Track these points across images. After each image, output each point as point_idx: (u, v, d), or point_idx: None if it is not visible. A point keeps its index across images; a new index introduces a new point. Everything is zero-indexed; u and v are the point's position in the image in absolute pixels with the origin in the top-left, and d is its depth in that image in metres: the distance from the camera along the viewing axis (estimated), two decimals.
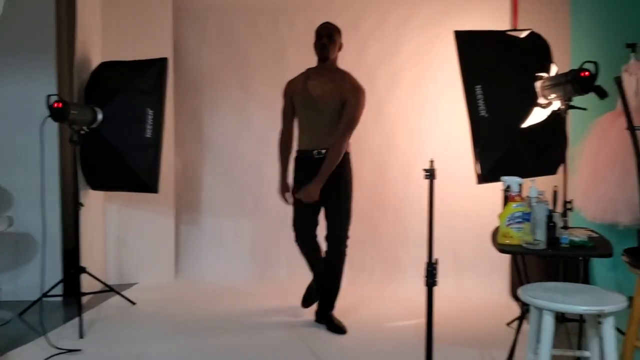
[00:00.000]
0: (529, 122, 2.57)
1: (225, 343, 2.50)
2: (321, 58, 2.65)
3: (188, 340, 2.54)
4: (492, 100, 2.59)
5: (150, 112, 2.98)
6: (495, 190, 2.63)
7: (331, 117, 2.61)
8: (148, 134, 2.98)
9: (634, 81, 2.76)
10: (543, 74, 2.56)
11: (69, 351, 2.35)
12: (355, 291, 3.22)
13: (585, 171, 2.85)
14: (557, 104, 2.43)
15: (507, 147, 2.59)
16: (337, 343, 2.52)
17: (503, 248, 1.88)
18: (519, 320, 2.31)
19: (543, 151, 2.60)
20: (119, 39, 3.43)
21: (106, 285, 3.14)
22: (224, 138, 3.68)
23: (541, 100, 2.54)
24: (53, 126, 3.02)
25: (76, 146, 2.78)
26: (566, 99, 2.30)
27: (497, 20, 3.27)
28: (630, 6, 3.04)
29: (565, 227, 2.13)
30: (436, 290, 1.75)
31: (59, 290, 3.07)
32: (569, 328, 2.38)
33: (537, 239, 1.83)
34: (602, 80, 2.23)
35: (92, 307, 2.99)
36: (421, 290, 1.79)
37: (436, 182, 1.77)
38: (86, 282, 2.96)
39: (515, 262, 2.67)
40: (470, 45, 2.66)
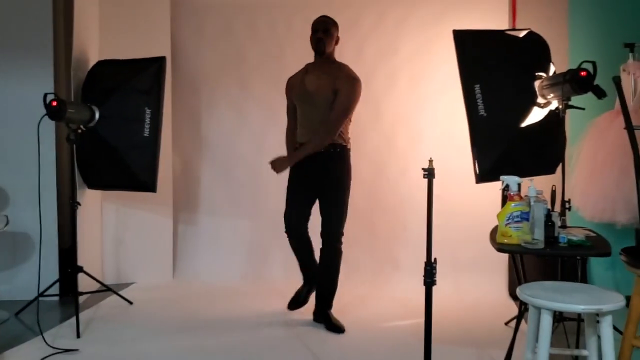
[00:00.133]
0: (528, 122, 2.57)
1: (223, 342, 2.50)
2: (317, 52, 2.64)
3: (186, 339, 2.53)
4: (491, 99, 2.59)
5: (148, 111, 2.97)
6: (493, 189, 2.63)
7: (325, 110, 2.59)
8: (146, 133, 2.97)
9: (632, 81, 2.76)
10: (542, 74, 2.56)
11: (66, 351, 2.34)
12: (353, 290, 3.22)
13: (583, 170, 2.85)
14: (556, 104, 2.44)
15: (506, 147, 2.59)
16: (336, 342, 2.51)
17: (502, 247, 1.88)
18: (517, 319, 2.31)
19: (541, 150, 2.60)
20: (117, 38, 3.42)
21: (103, 284, 3.13)
22: (222, 137, 3.68)
23: (540, 99, 2.54)
24: (50, 125, 3.00)
25: (73, 145, 2.77)
26: (564, 99, 2.30)
27: (496, 19, 3.28)
28: (628, 6, 3.05)
29: (563, 227, 2.13)
30: (434, 289, 1.75)
31: (56, 289, 3.06)
32: (567, 327, 2.38)
33: (536, 238, 1.83)
34: (601, 79, 2.23)
35: (89, 307, 2.98)
36: (419, 289, 1.78)
37: (435, 182, 1.77)
38: (83, 282, 2.95)
39: (513, 262, 2.67)
40: (469, 44, 2.66)
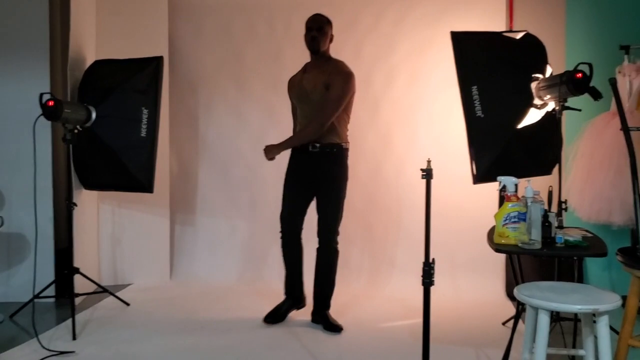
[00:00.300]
0: (525, 123, 2.58)
1: (220, 343, 2.49)
2: (312, 50, 2.66)
3: (183, 340, 2.52)
4: (488, 101, 2.60)
5: (145, 111, 2.96)
6: (491, 190, 2.64)
7: (320, 106, 2.60)
8: (143, 133, 2.96)
9: (628, 82, 2.78)
10: (538, 75, 2.57)
11: (62, 353, 2.33)
12: (351, 291, 3.22)
13: (579, 171, 2.87)
14: (552, 105, 2.45)
15: (503, 148, 2.60)
16: (334, 342, 2.51)
17: (499, 248, 1.89)
18: (515, 319, 2.32)
19: (538, 151, 2.61)
20: (114, 37, 3.40)
21: (100, 286, 3.12)
22: (220, 138, 3.67)
23: (536, 101, 2.55)
24: (46, 125, 2.98)
25: (69, 145, 2.75)
26: (561, 100, 2.31)
27: (493, 20, 3.29)
28: (624, 8, 3.07)
29: (560, 227, 2.14)
30: (432, 289, 1.75)
31: (52, 291, 3.04)
32: (564, 327, 2.39)
33: (533, 239, 1.83)
34: (597, 81, 2.25)
35: (86, 308, 2.97)
36: (417, 289, 1.79)
37: (432, 182, 1.77)
38: (79, 283, 2.93)
39: (510, 262, 2.68)
40: (466, 46, 2.67)
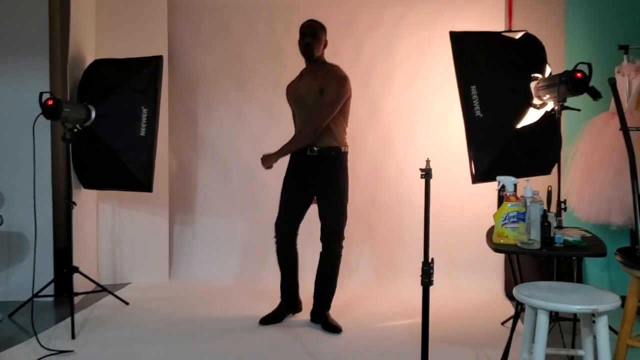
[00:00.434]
0: (524, 123, 2.58)
1: (219, 343, 2.49)
2: (305, 56, 2.66)
3: (182, 340, 2.52)
4: (487, 100, 2.60)
5: (144, 111, 2.96)
6: (490, 190, 2.64)
7: (314, 111, 2.60)
8: (142, 133, 2.96)
9: (627, 82, 2.79)
10: (538, 75, 2.57)
11: (61, 352, 2.32)
12: (350, 291, 3.22)
13: (579, 171, 2.87)
14: (552, 105, 2.45)
15: (502, 147, 2.60)
16: (333, 342, 2.51)
17: (498, 248, 1.89)
18: (514, 319, 2.32)
19: (537, 151, 2.61)
20: (113, 37, 3.40)
21: (99, 285, 3.12)
22: (219, 137, 3.67)
23: (536, 100, 2.55)
24: (45, 124, 2.98)
25: (69, 144, 2.76)
26: (560, 100, 2.31)
27: (492, 20, 3.29)
28: (623, 8, 3.07)
29: (559, 227, 2.14)
30: (431, 289, 1.75)
31: (51, 290, 3.04)
32: (563, 327, 2.39)
33: (532, 239, 1.83)
34: (596, 81, 2.25)
35: (85, 308, 2.97)
36: (416, 289, 1.79)
37: (432, 182, 1.77)
38: (78, 282, 2.93)
39: (509, 262, 2.68)
40: (465, 46, 2.67)
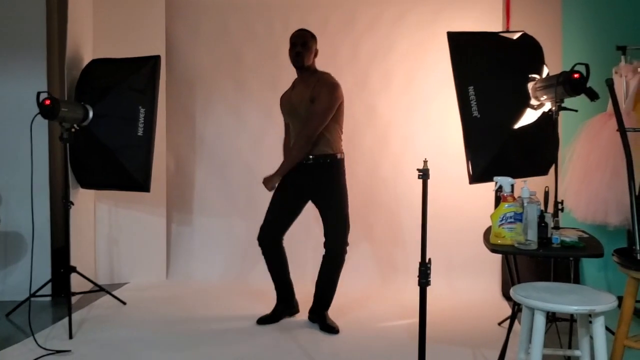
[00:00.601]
0: (521, 123, 2.58)
1: (217, 343, 2.49)
2: (296, 66, 2.66)
3: (179, 340, 2.52)
4: (485, 101, 2.60)
5: (142, 110, 2.96)
6: (487, 190, 2.65)
7: (305, 120, 2.61)
8: (140, 133, 2.95)
9: (624, 83, 2.79)
10: (535, 76, 2.58)
11: (58, 352, 2.32)
12: (348, 291, 3.21)
13: (576, 172, 2.88)
14: (549, 105, 2.45)
15: (499, 148, 2.60)
16: (330, 342, 2.52)
17: (495, 248, 1.89)
18: (511, 319, 2.32)
19: (535, 152, 2.62)
20: (111, 36, 3.40)
21: (96, 284, 3.11)
22: (217, 137, 3.66)
23: (533, 101, 2.56)
24: (43, 124, 2.98)
25: (66, 144, 2.75)
26: (557, 101, 2.32)
27: (490, 21, 3.29)
28: (621, 9, 3.08)
29: (556, 228, 2.14)
30: (428, 290, 1.76)
31: (48, 290, 3.04)
32: (560, 327, 2.40)
33: (529, 239, 1.84)
34: (593, 82, 2.25)
35: (82, 307, 2.96)
36: (415, 289, 1.79)
37: (429, 182, 1.78)
38: (76, 282, 2.93)
39: (507, 262, 2.69)
40: (463, 46, 2.67)
